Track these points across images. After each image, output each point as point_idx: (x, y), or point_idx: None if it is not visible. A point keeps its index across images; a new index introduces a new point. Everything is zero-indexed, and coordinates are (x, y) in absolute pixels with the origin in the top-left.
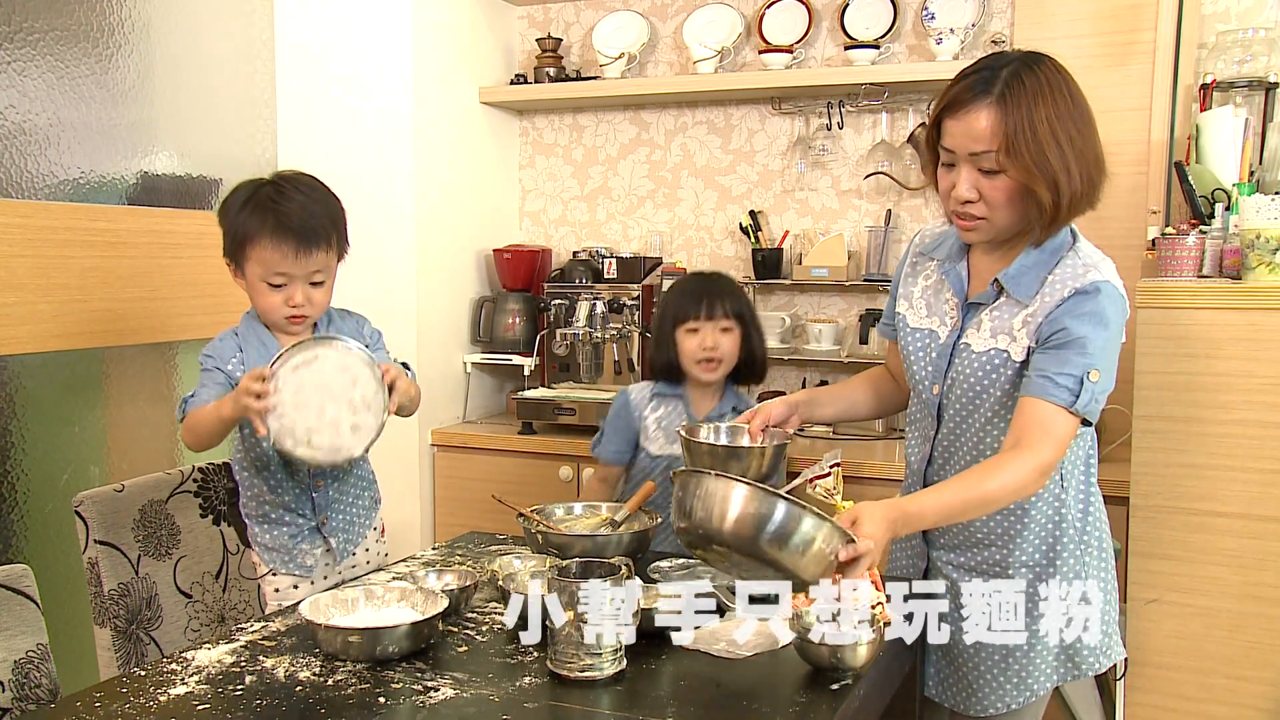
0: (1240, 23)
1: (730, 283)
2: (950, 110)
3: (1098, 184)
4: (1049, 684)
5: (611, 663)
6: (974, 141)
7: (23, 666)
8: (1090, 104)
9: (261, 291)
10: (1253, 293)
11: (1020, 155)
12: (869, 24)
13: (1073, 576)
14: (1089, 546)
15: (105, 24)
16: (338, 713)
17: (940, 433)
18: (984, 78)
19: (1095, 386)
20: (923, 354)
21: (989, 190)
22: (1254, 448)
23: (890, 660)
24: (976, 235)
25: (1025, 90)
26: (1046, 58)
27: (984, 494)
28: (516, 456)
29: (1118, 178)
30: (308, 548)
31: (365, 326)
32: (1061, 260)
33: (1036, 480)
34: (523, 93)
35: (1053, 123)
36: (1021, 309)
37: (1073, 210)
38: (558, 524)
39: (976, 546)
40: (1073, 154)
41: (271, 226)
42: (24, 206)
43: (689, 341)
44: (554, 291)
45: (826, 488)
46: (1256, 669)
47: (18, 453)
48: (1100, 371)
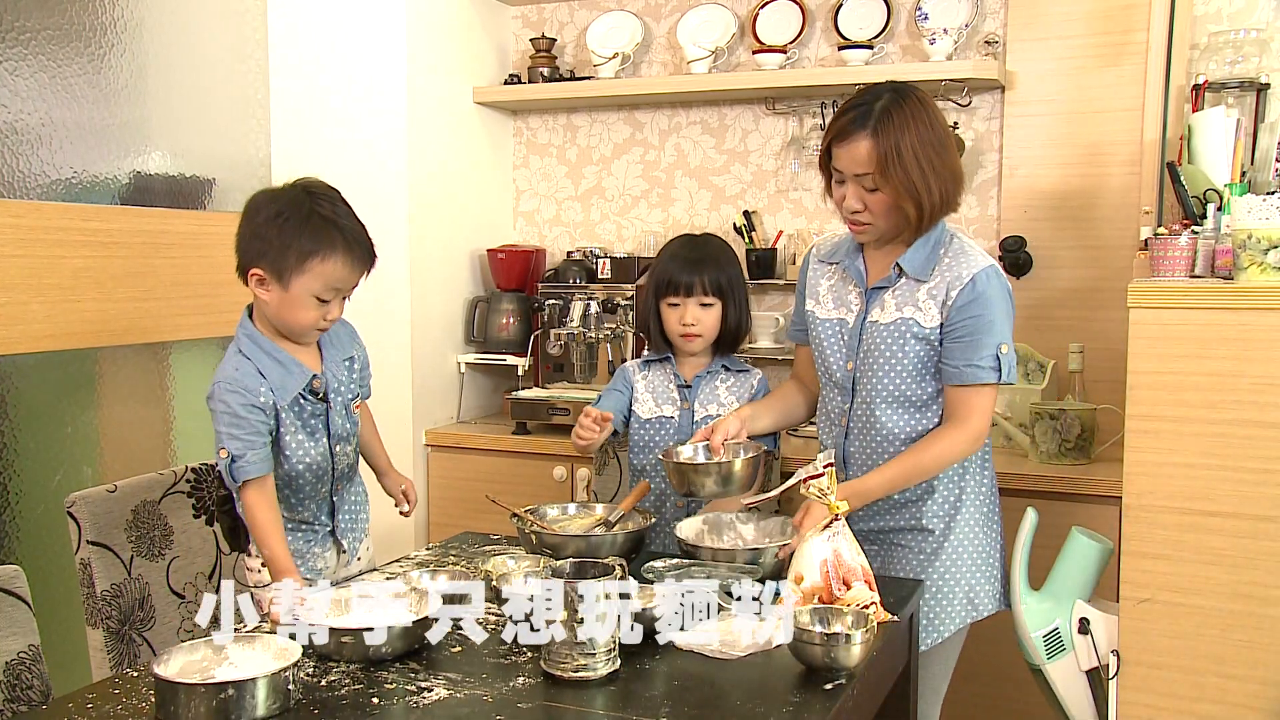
0: (1232, 24)
1: (717, 252)
2: (837, 140)
3: (954, 196)
4: (954, 625)
5: (605, 663)
6: (856, 165)
7: (14, 668)
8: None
9: (306, 305)
10: (1245, 293)
11: (891, 177)
12: (862, 24)
13: (972, 524)
14: (982, 496)
15: (98, 23)
16: (331, 713)
17: (854, 405)
18: (862, 112)
19: (1008, 357)
20: (835, 339)
21: (871, 203)
22: (1246, 447)
23: (884, 659)
24: (866, 236)
25: (893, 123)
26: (913, 91)
27: (921, 465)
28: (510, 456)
29: (1110, 178)
30: (320, 550)
31: (356, 342)
32: (948, 248)
33: (969, 447)
34: (517, 93)
35: (915, 149)
36: (922, 285)
37: (934, 217)
38: (551, 524)
39: (894, 506)
40: (932, 174)
41: (343, 244)
42: (16, 206)
43: (671, 315)
44: (548, 291)
45: (820, 488)
46: (1248, 668)
47: (10, 453)
48: (1007, 343)
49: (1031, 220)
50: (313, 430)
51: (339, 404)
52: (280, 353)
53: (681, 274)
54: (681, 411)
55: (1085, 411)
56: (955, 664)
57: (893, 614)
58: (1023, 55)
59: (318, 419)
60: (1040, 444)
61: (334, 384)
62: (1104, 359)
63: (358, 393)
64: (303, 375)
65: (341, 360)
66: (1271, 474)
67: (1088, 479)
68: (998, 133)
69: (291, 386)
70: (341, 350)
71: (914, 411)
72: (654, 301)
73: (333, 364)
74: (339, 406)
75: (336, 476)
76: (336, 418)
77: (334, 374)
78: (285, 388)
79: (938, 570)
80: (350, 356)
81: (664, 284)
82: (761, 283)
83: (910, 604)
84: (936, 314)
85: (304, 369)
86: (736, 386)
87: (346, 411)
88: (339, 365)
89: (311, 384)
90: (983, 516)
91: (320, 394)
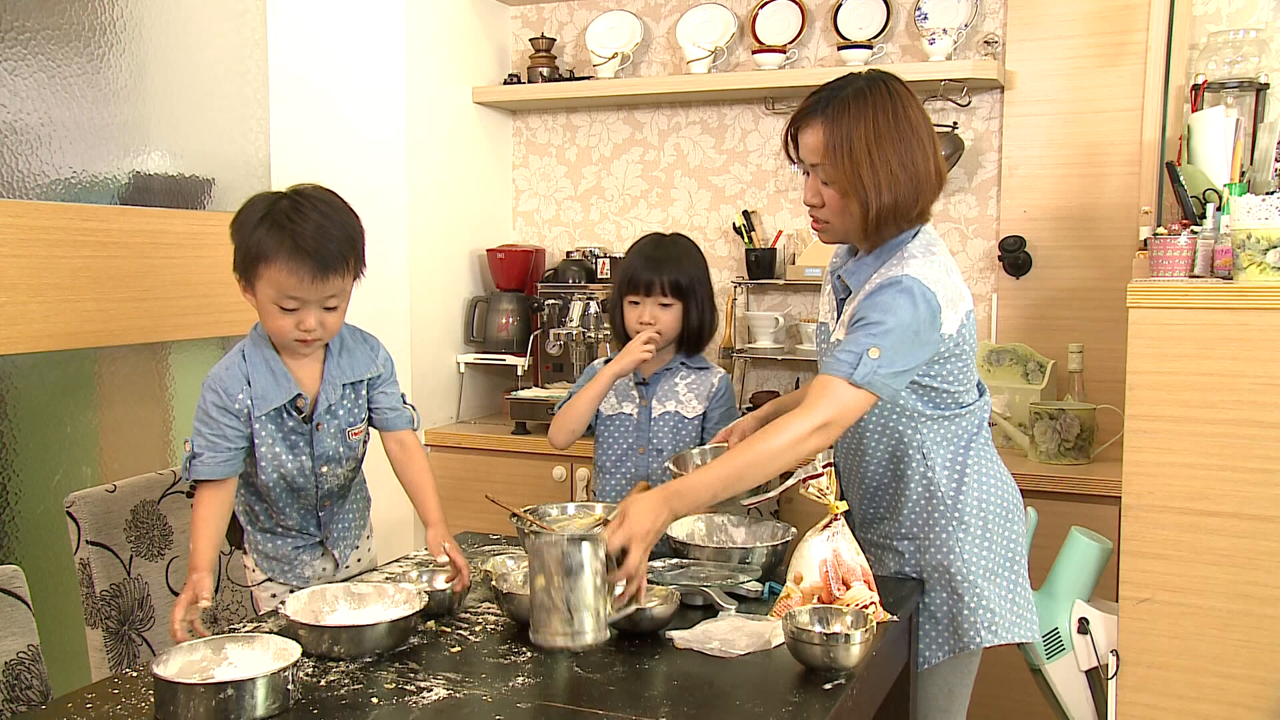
0: (1231, 24)
1: (681, 253)
2: (796, 123)
3: (911, 203)
4: (939, 654)
5: (592, 631)
6: (810, 154)
7: (13, 668)
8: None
9: (272, 313)
10: (1244, 293)
11: (839, 169)
12: (862, 24)
13: (945, 551)
14: (961, 525)
15: (97, 23)
16: (330, 713)
17: None
18: (823, 97)
19: (874, 362)
20: (821, 344)
21: (827, 197)
22: (1245, 447)
23: (883, 660)
24: (825, 236)
25: (849, 111)
26: (887, 82)
27: (757, 454)
28: (509, 456)
29: (1110, 178)
30: (308, 558)
31: (379, 353)
32: (889, 259)
33: (812, 435)
34: (516, 93)
35: (869, 142)
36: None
37: (884, 223)
38: (551, 524)
39: (869, 521)
40: (884, 171)
41: (288, 249)
42: (15, 206)
43: (630, 312)
44: (547, 291)
45: (820, 488)
46: (1248, 667)
47: (9, 453)
48: (880, 350)
49: (1031, 220)
50: (293, 445)
51: (332, 427)
52: (276, 363)
53: (643, 272)
54: (640, 408)
55: (1085, 411)
56: (969, 689)
57: (892, 614)
58: (1022, 55)
59: (300, 436)
60: (1040, 444)
61: (325, 405)
62: (1103, 359)
63: (360, 419)
64: (288, 390)
65: (345, 384)
66: (1271, 474)
67: (1087, 479)
68: (997, 133)
69: (273, 398)
70: (351, 372)
71: (882, 423)
72: (617, 298)
73: (331, 385)
74: (331, 429)
75: (322, 495)
76: (326, 439)
77: (329, 396)
78: (266, 398)
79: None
80: (359, 381)
81: (626, 281)
82: (761, 283)
83: (910, 604)
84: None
85: (291, 385)
86: (696, 384)
87: (343, 436)
88: (338, 388)
89: (295, 401)
90: (961, 544)
91: (304, 413)
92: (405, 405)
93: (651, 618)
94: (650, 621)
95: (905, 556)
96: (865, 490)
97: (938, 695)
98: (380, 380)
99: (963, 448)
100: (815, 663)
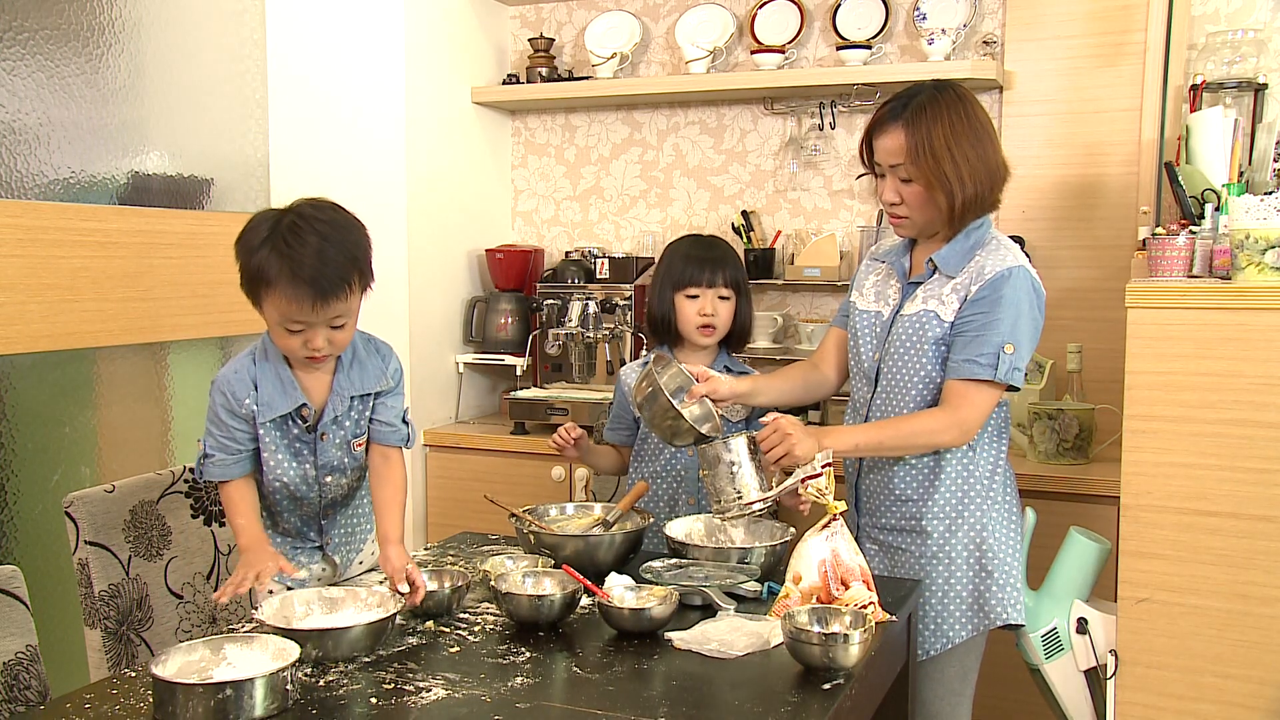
0: (1230, 24)
1: (730, 250)
2: (875, 131)
3: (989, 191)
4: (964, 633)
5: (758, 494)
6: (890, 156)
7: (12, 668)
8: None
9: (280, 334)
10: (1242, 293)
11: (922, 166)
12: (861, 24)
13: (979, 529)
14: (994, 504)
15: (96, 23)
16: (329, 713)
17: (876, 394)
18: (899, 104)
19: (1011, 358)
20: (868, 331)
21: (907, 195)
22: (1244, 447)
23: (882, 659)
24: (904, 230)
25: (926, 114)
26: (952, 86)
27: (898, 433)
28: (509, 457)
29: (1108, 178)
30: (306, 561)
31: (390, 364)
32: (984, 245)
33: (951, 431)
34: (515, 93)
35: (948, 140)
36: (950, 280)
37: (968, 211)
38: (550, 524)
39: (897, 502)
40: (966, 167)
41: (287, 276)
42: (14, 206)
43: (688, 307)
44: (546, 291)
45: (819, 488)
46: (1246, 667)
47: (8, 453)
48: (1015, 344)
49: (1030, 220)
50: (297, 453)
51: (337, 438)
52: (285, 370)
53: (701, 268)
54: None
55: (1083, 411)
56: (977, 672)
57: (891, 614)
58: (1021, 55)
59: (305, 445)
60: (1038, 444)
61: (331, 416)
62: (1102, 359)
63: (366, 431)
64: (293, 400)
65: (354, 395)
66: (1269, 474)
67: (1086, 479)
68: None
69: (278, 406)
70: (360, 385)
71: (931, 403)
72: (670, 294)
73: (339, 398)
74: (336, 440)
75: (325, 504)
76: (331, 449)
77: (335, 408)
78: (271, 405)
79: (940, 574)
80: (367, 394)
81: (683, 276)
82: (760, 283)
83: (909, 604)
84: (956, 307)
85: (296, 394)
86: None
87: (348, 447)
88: (346, 400)
89: (300, 411)
90: (994, 523)
91: (309, 423)
92: (403, 424)
93: (650, 618)
94: (649, 622)
95: (932, 538)
96: (904, 469)
97: (953, 678)
98: (386, 393)
99: (1001, 426)
100: (814, 663)
